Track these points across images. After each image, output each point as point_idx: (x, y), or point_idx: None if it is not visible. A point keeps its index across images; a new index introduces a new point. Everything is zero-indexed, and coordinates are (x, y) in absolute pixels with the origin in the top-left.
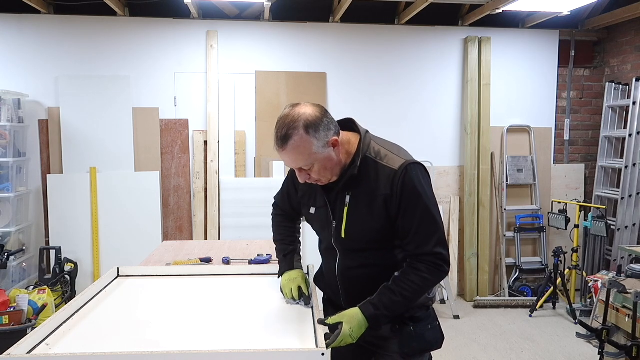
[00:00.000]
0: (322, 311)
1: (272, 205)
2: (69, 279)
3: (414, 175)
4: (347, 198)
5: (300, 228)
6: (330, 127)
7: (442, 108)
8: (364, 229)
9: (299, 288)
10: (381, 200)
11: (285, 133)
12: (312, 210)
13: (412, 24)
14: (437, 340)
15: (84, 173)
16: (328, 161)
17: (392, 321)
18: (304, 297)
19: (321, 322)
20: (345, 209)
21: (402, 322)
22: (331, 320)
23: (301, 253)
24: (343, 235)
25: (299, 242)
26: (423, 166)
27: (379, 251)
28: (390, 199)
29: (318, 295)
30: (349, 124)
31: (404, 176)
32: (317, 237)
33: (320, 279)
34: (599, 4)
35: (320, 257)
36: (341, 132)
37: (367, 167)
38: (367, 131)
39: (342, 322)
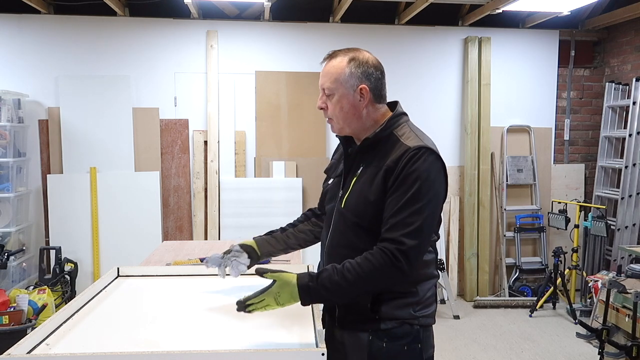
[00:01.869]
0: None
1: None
2: (69, 279)
3: (424, 160)
4: (360, 168)
5: (312, 223)
6: (371, 79)
7: (442, 108)
8: (360, 200)
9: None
10: (382, 172)
11: (334, 52)
12: (330, 180)
13: (412, 24)
14: None
15: (84, 173)
16: (347, 101)
17: (369, 331)
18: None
19: (259, 272)
20: (354, 178)
21: (376, 335)
22: (269, 275)
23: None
24: (342, 206)
25: (301, 231)
26: (442, 162)
27: (367, 232)
28: (391, 172)
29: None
30: (393, 105)
31: (412, 155)
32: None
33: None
34: (599, 4)
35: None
36: (383, 106)
37: (388, 143)
38: (405, 114)
39: (274, 282)
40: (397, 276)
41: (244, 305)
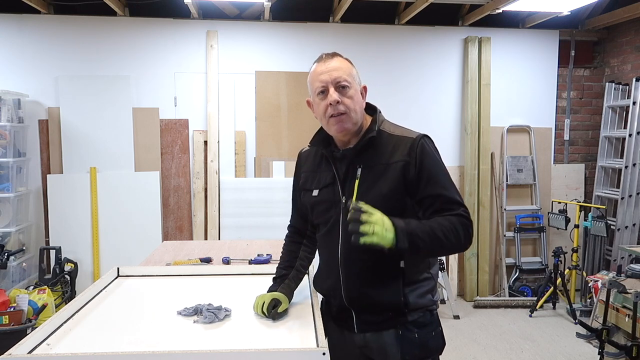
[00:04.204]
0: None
1: (287, 227)
2: (69, 279)
3: (432, 146)
4: (359, 171)
5: (306, 245)
6: (360, 80)
7: (442, 108)
8: (374, 199)
9: (273, 301)
10: (398, 167)
11: (333, 53)
12: (315, 192)
13: (412, 24)
14: (439, 347)
15: (84, 173)
16: (357, 97)
17: (396, 327)
18: (272, 313)
19: (355, 206)
20: (356, 181)
21: (406, 328)
22: (366, 207)
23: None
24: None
25: (303, 260)
26: (433, 142)
27: None
28: (408, 165)
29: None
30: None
31: (422, 145)
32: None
33: (319, 279)
34: (599, 4)
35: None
36: None
37: (381, 139)
38: (380, 111)
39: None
40: (468, 241)
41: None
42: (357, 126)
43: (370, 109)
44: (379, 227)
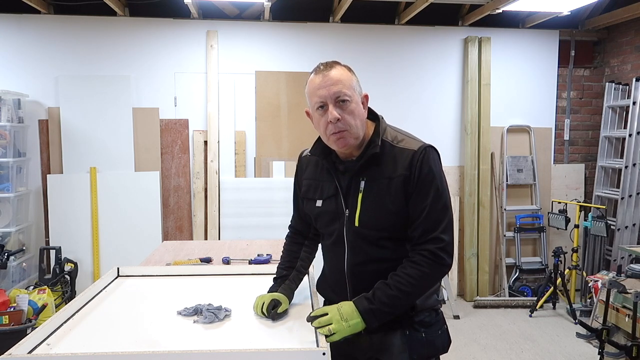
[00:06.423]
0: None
1: (288, 227)
2: (69, 279)
3: (432, 158)
4: (362, 184)
5: (307, 245)
6: (360, 88)
7: (442, 108)
8: (379, 214)
9: (273, 301)
10: (399, 182)
11: (331, 62)
12: (319, 203)
13: (412, 24)
14: (445, 345)
15: (84, 173)
16: (358, 109)
17: (403, 327)
18: (272, 313)
19: (309, 319)
20: (360, 195)
21: (413, 328)
22: (317, 311)
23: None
24: (357, 224)
25: (304, 260)
26: (438, 153)
27: (392, 242)
28: (409, 179)
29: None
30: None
31: (422, 157)
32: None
33: (323, 284)
34: (599, 4)
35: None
36: None
37: (384, 151)
38: (382, 117)
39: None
40: (444, 272)
41: (310, 318)
42: (359, 140)
43: (372, 114)
44: (335, 324)
